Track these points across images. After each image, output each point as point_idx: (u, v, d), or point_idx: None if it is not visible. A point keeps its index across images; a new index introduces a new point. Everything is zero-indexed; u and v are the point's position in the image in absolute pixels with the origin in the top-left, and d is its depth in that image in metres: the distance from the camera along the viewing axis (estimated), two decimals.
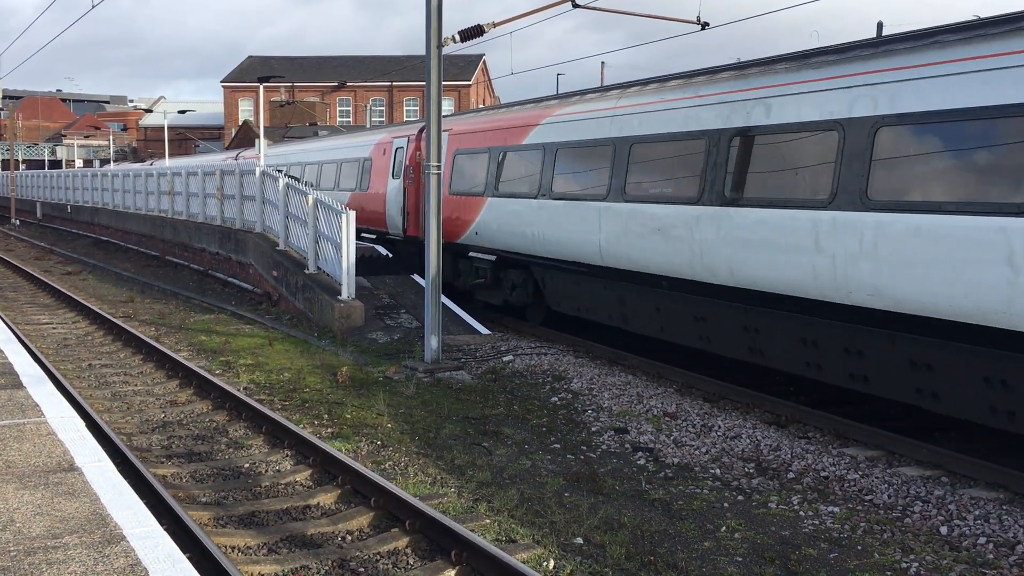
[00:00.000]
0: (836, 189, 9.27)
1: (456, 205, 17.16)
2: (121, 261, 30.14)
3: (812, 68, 9.99)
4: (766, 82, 10.56)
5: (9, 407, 6.57)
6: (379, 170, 21.75)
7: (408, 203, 19.90)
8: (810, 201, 9.60)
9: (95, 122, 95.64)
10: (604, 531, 7.26)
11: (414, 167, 19.64)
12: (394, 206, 20.61)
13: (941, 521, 7.46)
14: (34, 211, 51.98)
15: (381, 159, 21.78)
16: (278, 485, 8.39)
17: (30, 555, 4.04)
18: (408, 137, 20.37)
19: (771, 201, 10.12)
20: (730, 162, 10.84)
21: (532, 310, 16.34)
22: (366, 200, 22.35)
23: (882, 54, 9.20)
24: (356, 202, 22.71)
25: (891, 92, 8.86)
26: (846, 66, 9.53)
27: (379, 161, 21.89)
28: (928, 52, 8.65)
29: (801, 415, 10.43)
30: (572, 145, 14.06)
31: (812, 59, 10.20)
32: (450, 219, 16.85)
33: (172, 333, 16.47)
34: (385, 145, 21.79)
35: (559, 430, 10.26)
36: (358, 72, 71.72)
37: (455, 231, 17.07)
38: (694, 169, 11.39)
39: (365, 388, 12.04)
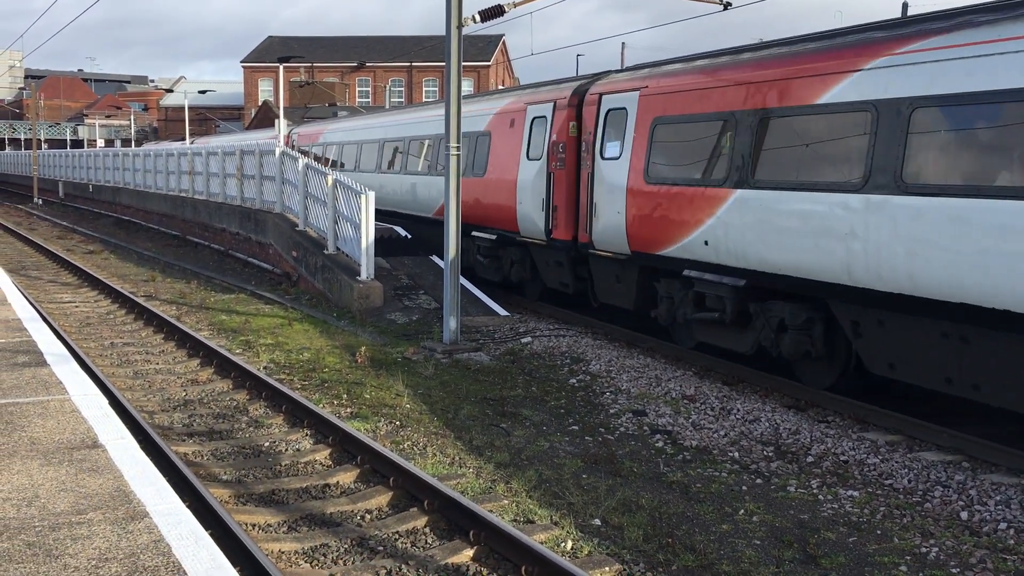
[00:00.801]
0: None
1: (659, 200, 12.24)
2: (142, 240, 30.34)
3: None
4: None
5: (33, 384, 6.64)
6: (504, 149, 16.56)
7: (556, 194, 14.70)
8: None
9: (116, 102, 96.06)
10: (622, 513, 7.27)
11: (567, 144, 14.55)
12: (531, 198, 15.35)
13: (961, 506, 7.43)
14: (56, 190, 52.36)
15: (507, 134, 16.56)
16: (298, 464, 8.45)
17: (55, 530, 4.09)
18: (554, 102, 15.08)
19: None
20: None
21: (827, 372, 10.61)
22: (481, 189, 17.17)
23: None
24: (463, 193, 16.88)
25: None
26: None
27: (503, 137, 16.64)
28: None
29: (820, 399, 10.38)
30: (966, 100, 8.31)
31: None
32: (648, 219, 12.41)
33: (193, 312, 16.58)
34: (514, 115, 16.45)
35: (577, 412, 10.27)
36: (377, 52, 71.60)
37: (657, 237, 12.22)
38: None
39: (384, 368, 12.09)
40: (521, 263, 16.54)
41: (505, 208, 16.19)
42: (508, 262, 16.92)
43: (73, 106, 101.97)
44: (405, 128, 22.29)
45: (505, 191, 16.21)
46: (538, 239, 15.24)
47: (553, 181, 14.72)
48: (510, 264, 16.83)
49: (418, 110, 22.77)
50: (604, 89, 13.80)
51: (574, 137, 14.43)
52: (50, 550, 3.88)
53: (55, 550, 3.88)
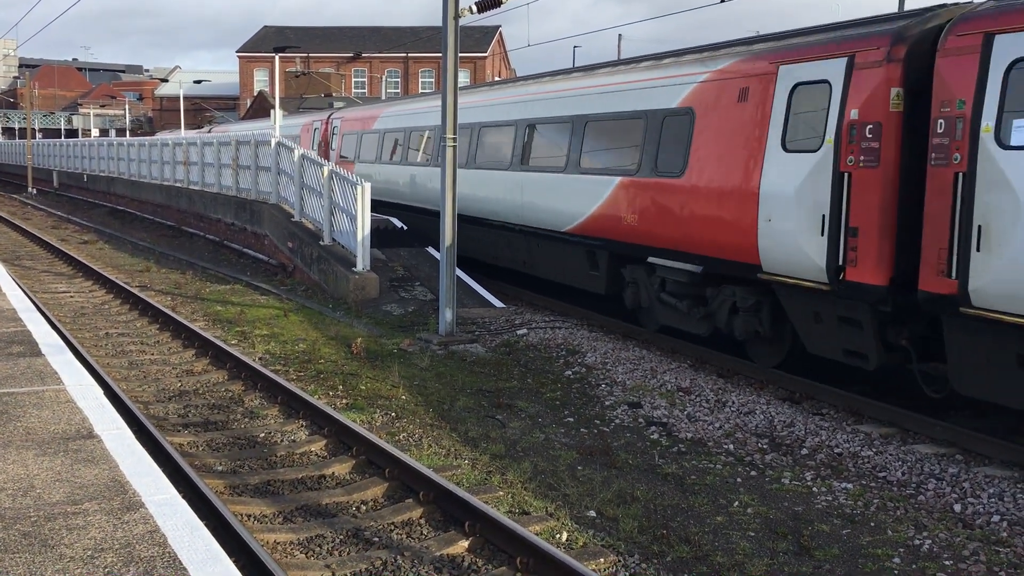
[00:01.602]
0: None
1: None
2: (137, 231, 30.27)
3: None
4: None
5: (28, 375, 6.64)
6: (724, 134, 11.12)
7: (856, 210, 9.33)
8: None
9: (111, 91, 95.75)
10: (617, 505, 7.29)
11: (884, 126, 9.16)
12: (794, 213, 9.98)
13: (955, 499, 7.46)
14: (51, 180, 52.20)
15: (732, 112, 11.07)
16: (293, 455, 8.45)
17: (50, 520, 4.09)
18: (850, 56, 9.58)
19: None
20: None
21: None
22: (674, 197, 11.84)
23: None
24: (625, 200, 12.74)
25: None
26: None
27: (725, 116, 11.16)
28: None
29: (815, 392, 10.40)
30: None
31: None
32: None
33: (188, 303, 16.56)
34: (748, 81, 10.89)
35: (573, 404, 10.29)
36: (374, 43, 71.42)
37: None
38: None
39: (380, 360, 12.09)
40: (755, 313, 11.00)
41: (728, 227, 10.90)
42: (727, 309, 11.36)
43: (68, 95, 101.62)
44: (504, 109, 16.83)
45: (728, 201, 10.92)
46: (809, 280, 9.88)
47: (850, 187, 9.39)
48: (730, 312, 11.32)
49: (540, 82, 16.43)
50: (990, 25, 8.20)
51: (898, 113, 9.15)
52: (45, 540, 3.88)
53: (50, 540, 3.88)
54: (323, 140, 27.90)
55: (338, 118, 26.76)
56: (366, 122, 24.44)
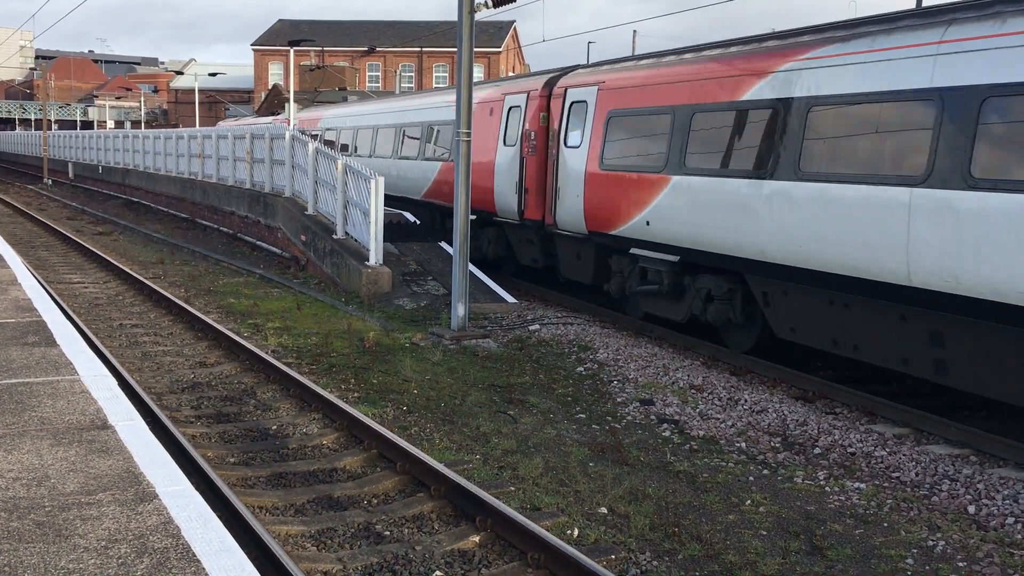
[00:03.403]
0: None
1: None
2: (151, 222, 30.39)
3: None
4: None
5: (43, 364, 6.67)
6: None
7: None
8: None
9: (126, 83, 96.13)
10: (629, 501, 7.27)
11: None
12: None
13: (969, 500, 7.41)
14: (66, 171, 52.45)
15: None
16: (305, 448, 8.47)
17: (64, 511, 4.10)
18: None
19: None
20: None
21: None
22: None
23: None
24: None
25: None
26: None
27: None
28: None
29: (828, 391, 10.36)
30: None
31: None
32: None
33: (201, 295, 16.61)
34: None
35: (584, 400, 10.27)
36: (388, 37, 71.43)
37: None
38: None
39: (391, 354, 12.10)
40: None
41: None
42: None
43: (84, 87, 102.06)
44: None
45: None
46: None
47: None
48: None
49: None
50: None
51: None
52: (60, 530, 3.90)
53: (65, 530, 3.90)
54: None
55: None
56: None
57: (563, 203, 14.68)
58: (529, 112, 16.01)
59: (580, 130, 14.37)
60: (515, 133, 16.45)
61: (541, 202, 15.58)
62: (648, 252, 12.73)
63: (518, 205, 16.22)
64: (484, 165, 17.37)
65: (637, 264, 13.20)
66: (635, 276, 13.32)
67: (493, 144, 17.27)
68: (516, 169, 16.29)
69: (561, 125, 14.89)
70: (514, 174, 16.34)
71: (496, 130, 17.22)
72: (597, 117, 13.98)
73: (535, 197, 15.71)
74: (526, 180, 15.96)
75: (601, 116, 13.91)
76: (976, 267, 8.13)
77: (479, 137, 17.35)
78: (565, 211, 14.64)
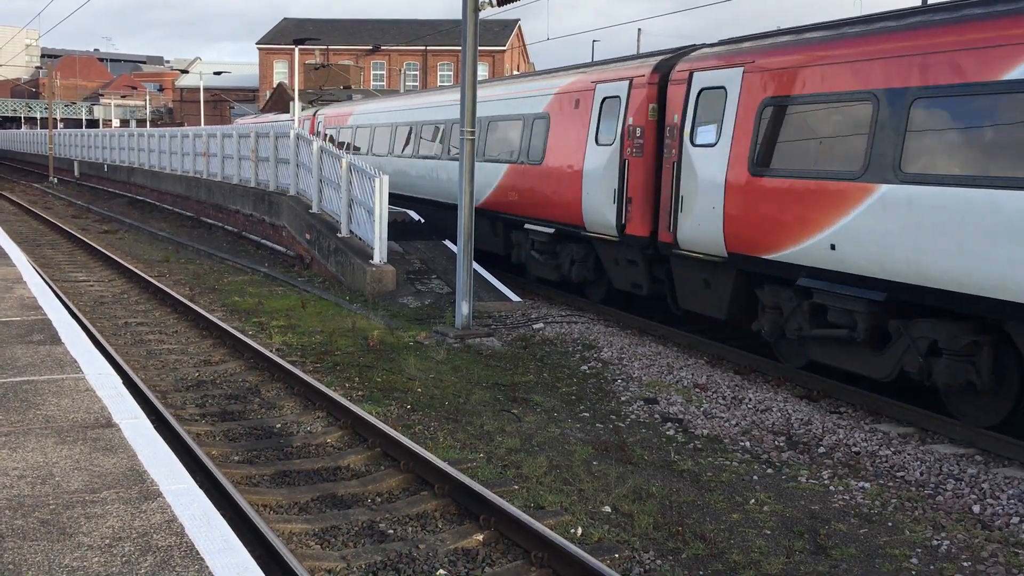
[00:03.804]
0: None
1: None
2: (156, 221, 30.44)
3: None
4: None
5: (48, 363, 6.67)
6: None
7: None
8: None
9: (131, 82, 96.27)
10: (632, 500, 7.27)
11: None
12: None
13: (974, 500, 7.39)
14: (72, 169, 52.56)
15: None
16: (309, 446, 8.48)
17: (69, 508, 4.11)
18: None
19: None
20: None
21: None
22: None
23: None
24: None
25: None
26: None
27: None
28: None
29: (833, 390, 10.34)
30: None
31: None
32: None
33: (206, 293, 16.63)
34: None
35: (588, 399, 10.27)
36: (392, 36, 71.46)
37: None
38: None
39: (396, 352, 12.11)
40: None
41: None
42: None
43: (89, 86, 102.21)
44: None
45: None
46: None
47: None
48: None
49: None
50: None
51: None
52: (64, 528, 3.90)
53: (69, 528, 3.90)
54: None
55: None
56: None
57: (689, 217, 11.74)
58: (633, 104, 13.17)
59: (715, 124, 11.50)
60: (612, 129, 13.59)
61: (649, 214, 12.84)
62: (831, 285, 9.77)
63: (617, 218, 13.32)
64: (567, 168, 14.65)
65: (808, 300, 10.21)
66: (803, 315, 10.31)
67: (580, 143, 14.35)
68: (613, 173, 13.43)
69: (685, 119, 11.97)
70: (611, 179, 13.48)
71: (584, 126, 14.31)
72: (744, 107, 11.03)
73: (641, 208, 12.91)
74: (628, 187, 13.10)
75: (750, 106, 10.93)
76: None
77: (559, 135, 14.96)
78: (692, 227, 11.67)
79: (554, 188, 15.04)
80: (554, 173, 15.01)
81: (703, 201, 11.54)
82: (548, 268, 15.96)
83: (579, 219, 14.37)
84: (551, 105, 15.40)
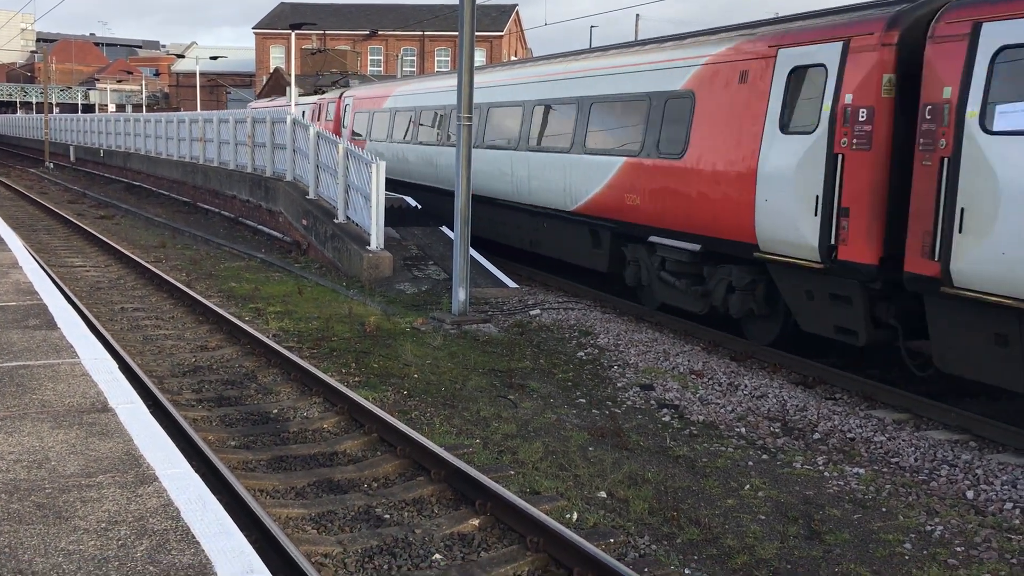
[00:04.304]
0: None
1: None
2: (153, 206, 30.38)
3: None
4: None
5: (44, 347, 6.67)
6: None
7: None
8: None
9: (127, 67, 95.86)
10: (628, 486, 7.30)
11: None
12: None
13: (967, 485, 7.43)
14: (67, 155, 52.40)
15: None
16: (306, 431, 8.49)
17: (65, 492, 4.12)
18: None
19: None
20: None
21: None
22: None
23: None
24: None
25: None
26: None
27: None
28: None
29: (828, 376, 10.37)
30: None
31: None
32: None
33: (203, 279, 16.62)
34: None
35: (585, 385, 10.29)
36: (390, 21, 71.18)
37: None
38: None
39: (392, 338, 12.12)
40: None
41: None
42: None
43: (85, 70, 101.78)
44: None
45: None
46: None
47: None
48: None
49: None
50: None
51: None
52: (60, 512, 3.91)
53: (65, 512, 3.91)
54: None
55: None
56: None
57: (981, 241, 8.19)
58: (852, 74, 9.61)
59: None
60: (811, 112, 10.08)
61: (880, 233, 9.41)
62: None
63: (821, 236, 9.82)
64: (727, 165, 11.13)
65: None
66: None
67: (751, 130, 10.83)
68: (814, 173, 9.91)
69: (967, 93, 8.36)
70: (808, 182, 9.98)
71: (758, 107, 10.77)
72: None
73: (866, 224, 9.44)
74: (844, 193, 9.61)
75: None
76: None
77: (712, 119, 11.45)
78: (986, 256, 8.13)
79: (703, 191, 11.47)
80: (703, 171, 11.47)
81: (1014, 217, 7.90)
82: (686, 296, 12.30)
83: (747, 234, 10.79)
84: (697, 80, 11.80)
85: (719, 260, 11.68)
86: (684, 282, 12.29)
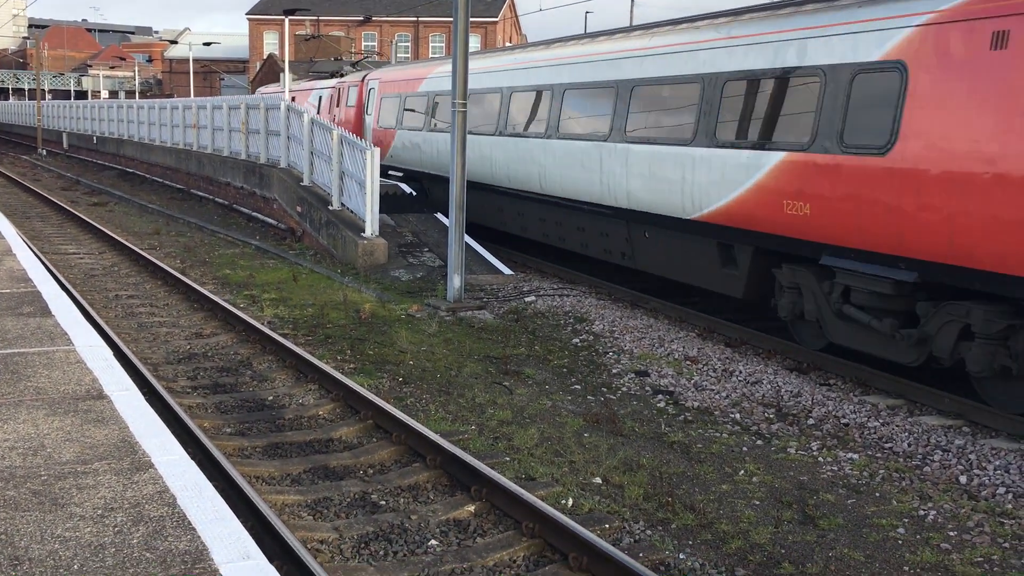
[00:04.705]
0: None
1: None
2: (147, 193, 30.28)
3: None
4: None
5: (39, 335, 6.66)
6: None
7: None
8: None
9: (120, 53, 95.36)
10: (623, 472, 7.32)
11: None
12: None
13: (961, 470, 7.47)
14: (60, 141, 52.16)
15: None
16: (301, 418, 8.50)
17: (60, 479, 4.12)
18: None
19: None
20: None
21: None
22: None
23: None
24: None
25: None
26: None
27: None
28: None
29: (823, 362, 10.39)
30: None
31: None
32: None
33: (197, 266, 16.59)
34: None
35: (580, 371, 10.31)
36: (384, 6, 70.84)
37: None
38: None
39: (387, 325, 12.12)
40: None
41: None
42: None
43: (77, 56, 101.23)
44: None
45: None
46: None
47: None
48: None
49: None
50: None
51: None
52: (56, 499, 3.92)
53: (61, 499, 3.92)
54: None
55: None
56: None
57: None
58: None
59: None
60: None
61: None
62: None
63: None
64: (976, 165, 7.91)
65: None
66: None
67: (984, 118, 7.87)
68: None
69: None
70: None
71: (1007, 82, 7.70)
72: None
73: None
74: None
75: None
76: None
77: (944, 102, 8.26)
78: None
79: (928, 202, 8.32)
80: (930, 173, 8.31)
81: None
82: (886, 340, 9.27)
83: (1010, 263, 7.69)
84: (910, 48, 8.58)
85: (944, 294, 8.71)
86: (887, 323, 9.10)
